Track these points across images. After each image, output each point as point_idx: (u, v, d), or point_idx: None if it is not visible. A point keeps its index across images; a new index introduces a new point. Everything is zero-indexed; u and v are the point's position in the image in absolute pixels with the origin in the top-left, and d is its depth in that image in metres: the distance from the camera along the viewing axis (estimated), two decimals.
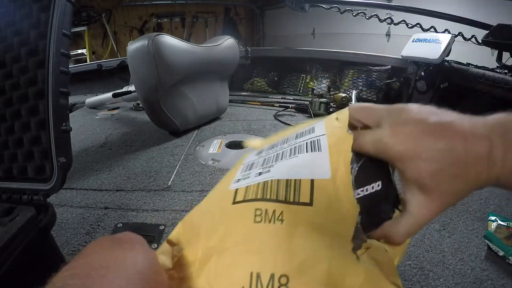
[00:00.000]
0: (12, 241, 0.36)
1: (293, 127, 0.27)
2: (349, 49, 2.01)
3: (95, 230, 0.63)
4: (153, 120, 1.14)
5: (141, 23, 3.75)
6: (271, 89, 2.07)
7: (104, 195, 0.76)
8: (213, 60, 1.20)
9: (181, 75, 1.08)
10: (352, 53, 1.92)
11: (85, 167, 0.92)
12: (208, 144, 1.08)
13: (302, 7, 1.71)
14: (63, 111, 0.43)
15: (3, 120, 0.47)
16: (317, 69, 2.01)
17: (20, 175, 0.45)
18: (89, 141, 1.14)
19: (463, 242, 0.59)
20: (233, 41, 1.29)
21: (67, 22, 0.43)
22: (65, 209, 0.69)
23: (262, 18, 4.26)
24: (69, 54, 0.44)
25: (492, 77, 1.12)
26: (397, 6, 1.77)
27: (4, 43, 0.47)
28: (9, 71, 0.47)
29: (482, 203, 0.72)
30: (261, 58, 2.12)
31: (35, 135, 0.45)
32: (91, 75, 1.91)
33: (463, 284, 0.49)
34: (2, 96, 0.47)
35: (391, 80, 1.65)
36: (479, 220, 0.65)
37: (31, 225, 0.39)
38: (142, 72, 1.01)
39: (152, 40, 0.96)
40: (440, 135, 0.20)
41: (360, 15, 1.71)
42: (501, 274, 0.51)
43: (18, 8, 0.46)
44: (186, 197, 0.74)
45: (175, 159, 0.96)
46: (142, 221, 0.66)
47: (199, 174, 0.86)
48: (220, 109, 1.35)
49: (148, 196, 0.75)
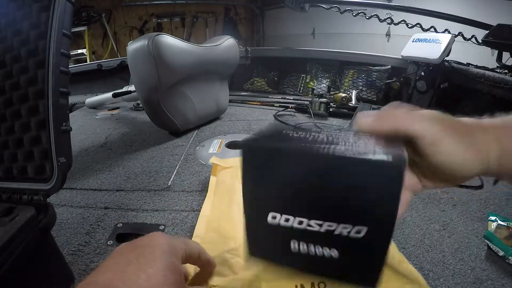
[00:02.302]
0: (12, 241, 0.36)
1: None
2: (349, 49, 2.01)
3: (95, 230, 0.63)
4: (153, 120, 1.14)
5: (141, 23, 3.76)
6: (271, 89, 2.07)
7: (104, 195, 0.76)
8: (213, 60, 1.20)
9: (181, 75, 1.08)
10: (352, 53, 1.92)
11: (85, 167, 0.92)
12: (208, 144, 1.08)
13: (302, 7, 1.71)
14: (63, 111, 0.43)
15: (3, 120, 0.47)
16: (317, 69, 2.01)
17: (20, 175, 0.45)
18: (89, 141, 1.14)
19: (463, 242, 0.59)
20: (233, 41, 1.29)
21: (67, 22, 0.43)
22: (65, 209, 0.69)
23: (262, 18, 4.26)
24: (69, 54, 0.44)
25: (492, 77, 1.12)
26: (397, 6, 1.77)
27: (4, 43, 0.47)
28: (9, 71, 0.47)
29: (482, 203, 0.72)
30: (261, 58, 2.12)
31: (35, 135, 0.45)
32: (91, 75, 1.91)
33: (463, 284, 0.49)
34: (2, 96, 0.47)
35: (391, 80, 1.65)
36: (479, 220, 0.65)
37: (31, 225, 0.39)
38: (142, 72, 1.01)
39: (152, 40, 0.96)
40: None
41: (360, 15, 1.71)
42: (501, 274, 0.51)
43: (18, 8, 0.46)
44: (186, 197, 0.74)
45: (175, 159, 0.96)
46: (142, 221, 0.66)
47: (199, 174, 0.86)
48: (220, 109, 1.35)
49: (148, 196, 0.75)
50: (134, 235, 0.61)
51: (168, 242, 0.28)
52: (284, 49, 2.34)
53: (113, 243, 0.59)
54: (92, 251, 0.56)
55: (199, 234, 0.59)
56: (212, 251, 0.53)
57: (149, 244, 0.27)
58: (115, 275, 0.24)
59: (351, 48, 2.10)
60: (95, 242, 0.59)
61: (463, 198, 0.74)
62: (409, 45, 1.48)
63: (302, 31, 3.66)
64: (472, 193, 0.76)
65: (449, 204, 0.72)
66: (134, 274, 0.23)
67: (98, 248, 0.57)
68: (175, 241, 0.29)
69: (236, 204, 0.64)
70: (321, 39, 3.54)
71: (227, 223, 0.59)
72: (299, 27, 3.66)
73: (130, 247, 0.27)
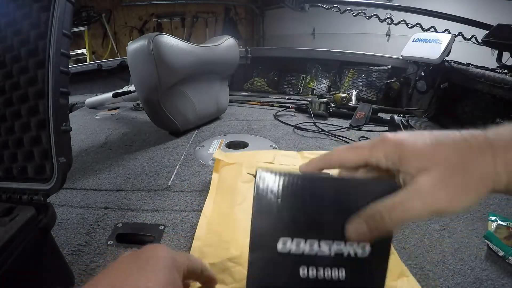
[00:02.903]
0: (12, 241, 0.36)
1: None
2: (349, 49, 2.01)
3: (95, 230, 0.63)
4: (153, 120, 1.14)
5: (141, 23, 3.76)
6: (271, 89, 2.07)
7: (104, 195, 0.76)
8: (213, 60, 1.20)
9: (181, 75, 1.08)
10: (352, 53, 1.92)
11: (85, 167, 0.92)
12: (208, 144, 1.08)
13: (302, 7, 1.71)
14: (63, 111, 0.43)
15: (3, 120, 0.47)
16: (317, 69, 2.01)
17: (20, 175, 0.45)
18: (89, 141, 1.14)
19: (463, 242, 0.59)
20: (233, 41, 1.29)
21: (67, 22, 0.43)
22: (65, 209, 0.69)
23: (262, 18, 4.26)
24: (69, 54, 0.44)
25: (492, 77, 1.12)
26: (397, 6, 1.77)
27: (4, 43, 0.47)
28: (9, 71, 0.47)
29: (482, 203, 0.72)
30: (261, 58, 2.12)
31: (35, 135, 0.45)
32: (91, 75, 1.91)
33: (463, 284, 0.49)
34: (2, 96, 0.47)
35: (391, 80, 1.65)
36: (479, 220, 0.65)
37: (31, 225, 0.39)
38: (142, 72, 1.01)
39: (152, 40, 0.96)
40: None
41: (360, 15, 1.71)
42: (501, 274, 0.51)
43: (18, 8, 0.46)
44: (186, 197, 0.74)
45: (175, 159, 0.96)
46: (142, 221, 0.66)
47: (199, 174, 0.86)
48: (220, 109, 1.35)
49: (148, 196, 0.75)
50: (134, 235, 0.62)
51: (170, 256, 0.27)
52: (284, 49, 2.34)
53: (113, 243, 0.59)
54: (92, 251, 0.56)
55: (200, 236, 0.59)
56: (213, 255, 0.53)
57: (151, 256, 0.26)
58: (115, 284, 0.23)
59: (351, 48, 2.10)
60: (95, 242, 0.59)
61: None
62: (409, 45, 1.48)
63: (302, 31, 3.66)
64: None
65: None
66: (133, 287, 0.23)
67: (98, 248, 0.57)
68: (178, 255, 0.28)
69: (238, 205, 0.64)
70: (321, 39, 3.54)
71: (229, 225, 0.59)
72: (299, 27, 3.66)
73: (132, 258, 0.26)
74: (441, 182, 0.21)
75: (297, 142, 1.09)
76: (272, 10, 4.03)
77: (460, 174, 0.21)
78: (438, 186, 0.21)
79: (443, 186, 0.21)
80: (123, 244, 0.59)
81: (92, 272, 0.51)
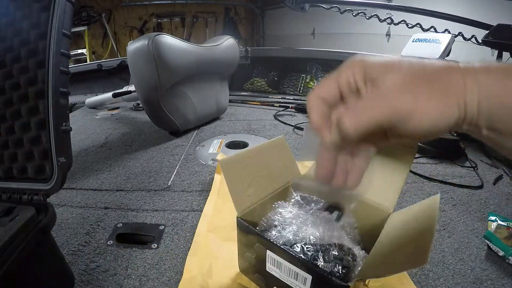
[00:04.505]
0: (12, 241, 0.36)
1: None
2: (349, 49, 2.01)
3: (95, 230, 0.63)
4: (153, 120, 1.14)
5: (141, 23, 3.76)
6: (271, 89, 2.07)
7: (104, 195, 0.76)
8: (213, 60, 1.20)
9: (181, 75, 1.08)
10: (352, 53, 1.92)
11: (85, 167, 0.92)
12: (208, 144, 1.08)
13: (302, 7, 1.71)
14: (63, 111, 0.43)
15: (3, 120, 0.47)
16: (317, 69, 2.01)
17: (20, 175, 0.45)
18: (89, 141, 1.14)
19: (463, 242, 0.59)
20: (233, 41, 1.29)
21: (67, 22, 0.43)
22: (65, 209, 0.69)
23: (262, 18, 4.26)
24: (69, 54, 0.44)
25: None
26: (397, 6, 1.76)
27: (4, 43, 0.47)
28: (9, 71, 0.47)
29: (482, 203, 0.72)
30: (261, 58, 2.12)
31: (35, 135, 0.45)
32: (91, 75, 1.90)
33: (463, 284, 0.49)
34: (2, 96, 0.47)
35: None
36: (479, 220, 0.65)
37: (31, 225, 0.39)
38: (142, 72, 1.01)
39: (152, 40, 0.96)
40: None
41: (360, 15, 1.71)
42: (501, 274, 0.51)
43: (18, 8, 0.46)
44: (186, 197, 0.74)
45: (175, 159, 0.96)
46: (142, 221, 0.66)
47: (199, 174, 0.86)
48: (220, 109, 1.35)
49: (148, 196, 0.75)
50: (134, 235, 0.62)
51: None
52: (284, 49, 2.34)
53: (113, 243, 0.59)
54: (92, 251, 0.56)
55: (200, 233, 0.60)
56: (212, 253, 0.53)
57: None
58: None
59: (351, 48, 2.10)
60: (95, 242, 0.59)
61: (463, 198, 0.74)
62: (409, 45, 1.48)
63: (302, 31, 3.66)
64: (472, 193, 0.76)
65: (449, 204, 0.72)
66: None
67: (98, 248, 0.57)
68: None
69: None
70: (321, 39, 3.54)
71: (229, 227, 0.60)
72: (299, 27, 3.66)
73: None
74: (406, 85, 0.20)
75: (297, 142, 1.09)
76: (272, 10, 4.03)
77: (425, 80, 0.20)
78: (403, 88, 0.20)
79: (408, 89, 0.20)
80: (123, 244, 0.59)
81: (92, 272, 0.52)
